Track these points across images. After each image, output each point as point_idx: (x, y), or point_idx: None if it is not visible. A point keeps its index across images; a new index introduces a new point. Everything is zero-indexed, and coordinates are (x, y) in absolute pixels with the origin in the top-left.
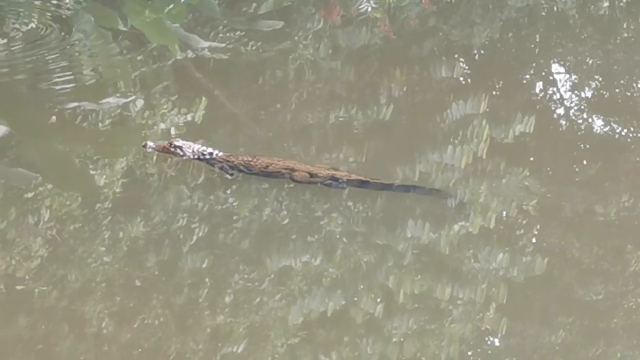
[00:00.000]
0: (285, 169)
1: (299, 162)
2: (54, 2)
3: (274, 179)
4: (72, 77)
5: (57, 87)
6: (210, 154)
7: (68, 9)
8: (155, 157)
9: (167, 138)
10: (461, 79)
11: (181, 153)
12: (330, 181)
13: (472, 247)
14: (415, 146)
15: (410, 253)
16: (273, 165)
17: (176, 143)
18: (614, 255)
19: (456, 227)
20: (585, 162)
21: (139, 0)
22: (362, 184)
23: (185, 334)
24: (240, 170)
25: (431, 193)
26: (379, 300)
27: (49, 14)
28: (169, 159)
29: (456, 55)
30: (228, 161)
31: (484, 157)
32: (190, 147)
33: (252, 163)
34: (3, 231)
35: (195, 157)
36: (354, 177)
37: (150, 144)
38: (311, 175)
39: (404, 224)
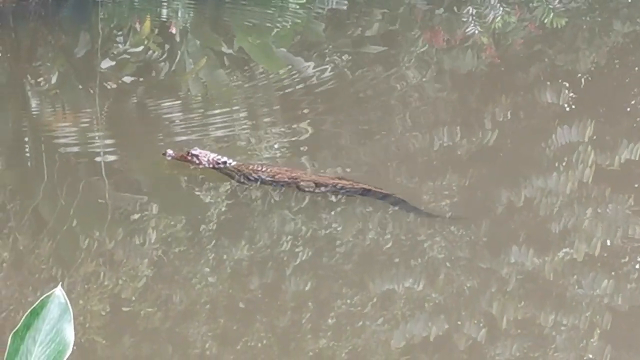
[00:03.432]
0: (291, 178)
1: (305, 172)
2: (164, 17)
3: (282, 188)
4: (179, 98)
5: (165, 109)
6: (224, 162)
7: (176, 32)
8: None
9: (270, 158)
10: (566, 104)
11: (197, 161)
12: (335, 189)
13: (576, 273)
14: (520, 171)
15: (514, 279)
16: (280, 174)
17: (193, 152)
18: None
19: (560, 254)
20: None
21: (246, 24)
22: (365, 192)
23: (288, 357)
24: (250, 179)
25: (420, 213)
26: (482, 325)
27: (158, 37)
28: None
29: (561, 81)
30: (240, 170)
31: (589, 183)
32: (206, 156)
33: (260, 172)
34: (111, 252)
35: (211, 165)
36: (358, 186)
37: (170, 152)
38: (316, 184)
39: (508, 250)
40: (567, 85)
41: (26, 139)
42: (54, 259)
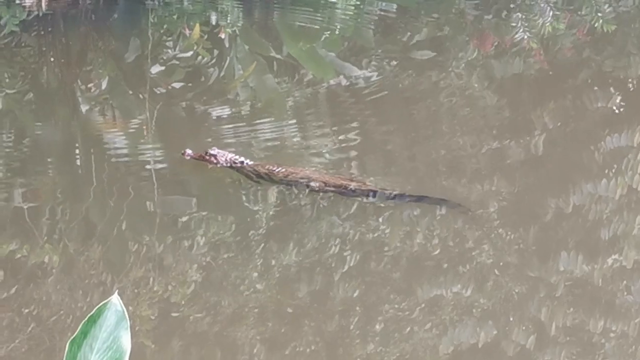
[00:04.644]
0: (303, 178)
1: (316, 172)
2: (215, 20)
3: (293, 187)
4: (228, 103)
5: (214, 113)
6: (242, 162)
7: (224, 37)
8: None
9: (318, 164)
10: (615, 109)
11: (215, 161)
12: (342, 190)
13: (625, 279)
14: (569, 177)
15: (562, 285)
16: (293, 174)
17: (211, 152)
18: None
19: (609, 260)
20: None
21: (294, 29)
22: (375, 193)
23: None
24: (264, 179)
25: (440, 203)
26: (530, 332)
27: (207, 42)
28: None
29: (610, 86)
30: (256, 170)
31: (638, 189)
32: (224, 156)
33: (274, 172)
34: (160, 256)
35: (228, 165)
36: (366, 187)
37: (189, 151)
38: (326, 184)
39: (557, 256)
40: (616, 90)
41: (76, 144)
42: (104, 263)
